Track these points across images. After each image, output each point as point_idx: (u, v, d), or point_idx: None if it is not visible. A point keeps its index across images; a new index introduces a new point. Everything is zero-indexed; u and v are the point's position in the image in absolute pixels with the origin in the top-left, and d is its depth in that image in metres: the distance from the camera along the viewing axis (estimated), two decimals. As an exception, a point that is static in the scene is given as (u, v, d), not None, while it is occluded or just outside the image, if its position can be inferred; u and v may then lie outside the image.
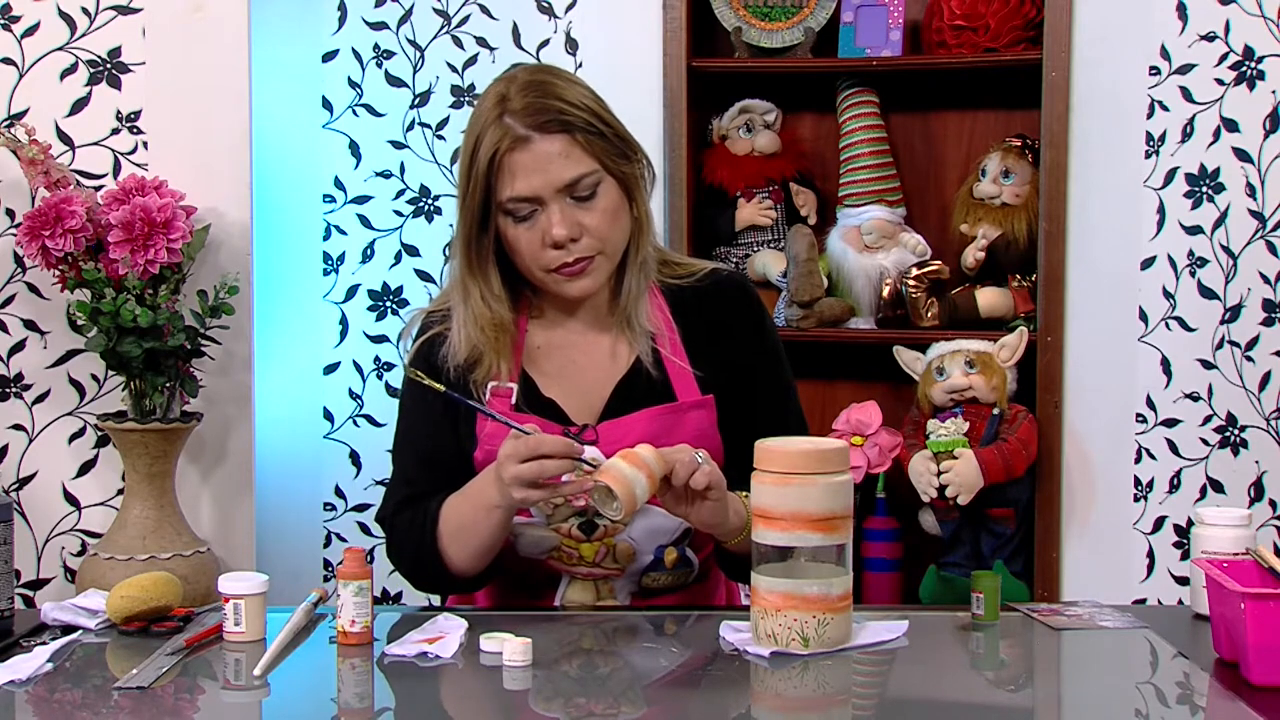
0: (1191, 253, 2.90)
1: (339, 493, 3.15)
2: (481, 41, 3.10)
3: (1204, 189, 2.89)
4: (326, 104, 3.13)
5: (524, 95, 1.85)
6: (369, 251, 3.13)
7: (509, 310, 1.93)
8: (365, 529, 3.14)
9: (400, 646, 1.71)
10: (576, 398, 1.94)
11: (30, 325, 2.67)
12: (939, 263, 3.06)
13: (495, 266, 1.92)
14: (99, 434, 2.67)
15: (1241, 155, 2.88)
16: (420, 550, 1.89)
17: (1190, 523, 2.38)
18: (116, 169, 2.67)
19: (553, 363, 1.96)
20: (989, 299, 3.03)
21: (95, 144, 2.67)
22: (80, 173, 2.66)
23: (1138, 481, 2.94)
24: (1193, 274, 2.90)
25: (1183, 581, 2.89)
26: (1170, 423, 2.93)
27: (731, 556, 1.91)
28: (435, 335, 1.97)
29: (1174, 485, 2.93)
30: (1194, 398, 2.92)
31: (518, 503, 1.77)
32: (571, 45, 3.08)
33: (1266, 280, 2.88)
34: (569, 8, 3.08)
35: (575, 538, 1.91)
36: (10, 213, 2.65)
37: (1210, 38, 2.87)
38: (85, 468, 2.70)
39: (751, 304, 2.02)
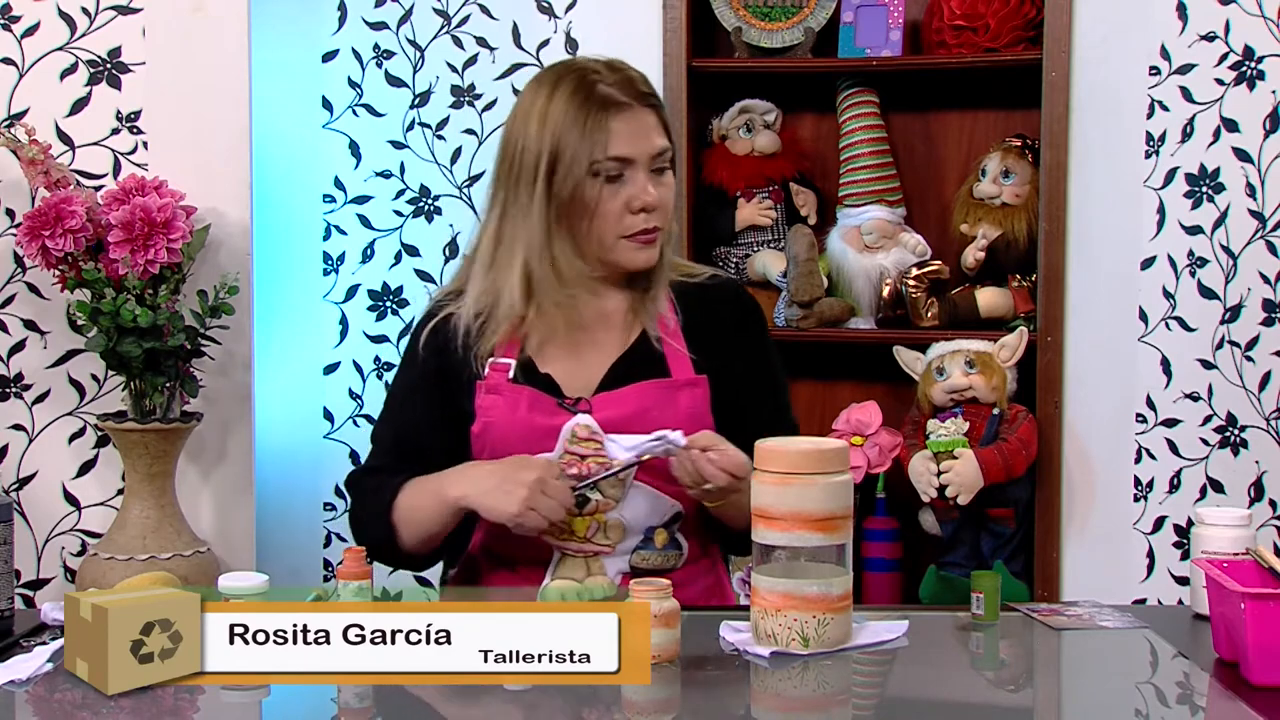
0: (1191, 253, 2.90)
1: (339, 493, 3.15)
2: (481, 41, 3.09)
3: (1204, 189, 2.89)
4: (326, 104, 3.13)
5: (614, 73, 1.96)
6: (369, 251, 3.13)
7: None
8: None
9: None
10: (573, 372, 1.99)
11: (30, 325, 2.67)
12: (939, 263, 3.06)
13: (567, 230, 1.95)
14: (99, 434, 2.67)
15: (1241, 155, 2.88)
16: (374, 519, 1.97)
17: (1190, 523, 2.38)
18: (116, 169, 2.67)
19: (553, 337, 2.00)
20: (989, 299, 3.03)
21: (95, 144, 2.67)
22: (80, 173, 2.66)
23: (1138, 481, 2.94)
24: (1193, 274, 2.90)
25: (1183, 581, 2.89)
26: (1170, 423, 2.93)
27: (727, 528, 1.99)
28: (448, 315, 2.02)
29: (1174, 485, 2.93)
30: (1194, 398, 2.91)
31: (507, 518, 1.86)
32: (571, 45, 3.07)
33: (1266, 280, 2.88)
34: (569, 8, 3.07)
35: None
36: (10, 213, 2.65)
37: (1210, 38, 2.87)
38: (85, 468, 2.70)
39: (748, 304, 2.13)
